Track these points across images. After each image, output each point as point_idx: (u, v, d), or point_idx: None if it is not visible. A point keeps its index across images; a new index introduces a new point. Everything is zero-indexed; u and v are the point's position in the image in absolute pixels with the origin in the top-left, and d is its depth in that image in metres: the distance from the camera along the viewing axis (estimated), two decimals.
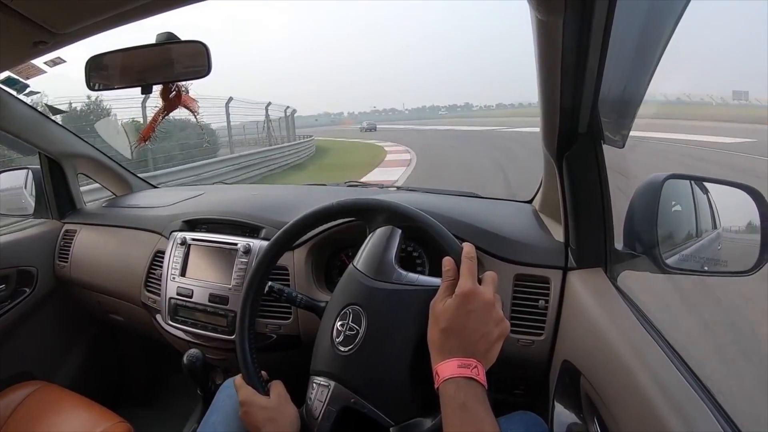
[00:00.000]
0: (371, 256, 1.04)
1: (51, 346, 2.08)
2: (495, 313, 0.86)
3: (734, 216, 1.06)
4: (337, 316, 1.01)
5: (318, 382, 1.00)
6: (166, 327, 1.60)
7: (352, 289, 1.03)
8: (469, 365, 0.82)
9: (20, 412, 1.51)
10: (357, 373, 0.97)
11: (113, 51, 1.17)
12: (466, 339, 0.84)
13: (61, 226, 2.08)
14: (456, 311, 0.85)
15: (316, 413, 0.99)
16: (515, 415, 1.08)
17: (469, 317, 0.85)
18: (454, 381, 0.81)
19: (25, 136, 1.85)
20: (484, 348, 0.85)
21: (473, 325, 0.85)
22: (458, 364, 0.82)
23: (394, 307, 0.98)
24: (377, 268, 1.02)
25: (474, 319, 0.85)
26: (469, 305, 0.85)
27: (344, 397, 0.97)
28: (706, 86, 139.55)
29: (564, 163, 1.08)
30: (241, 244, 1.50)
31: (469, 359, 0.82)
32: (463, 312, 0.85)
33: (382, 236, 1.06)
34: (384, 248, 1.04)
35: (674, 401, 0.72)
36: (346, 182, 2.12)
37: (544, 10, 0.76)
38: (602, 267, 1.14)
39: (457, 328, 0.85)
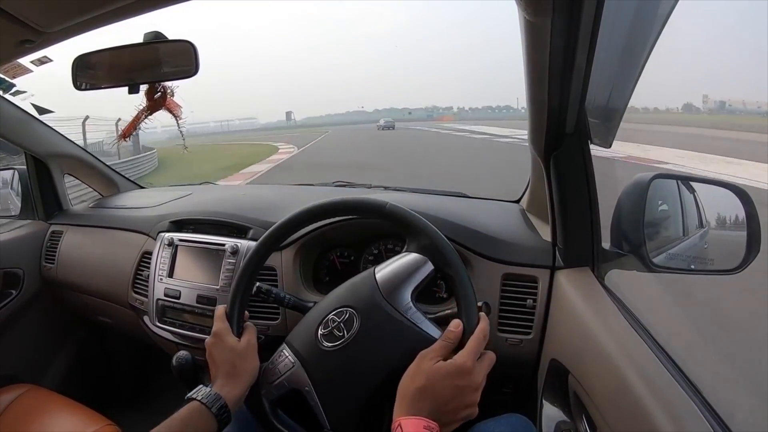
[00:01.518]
0: (394, 277, 1.02)
1: (38, 349, 2.06)
2: (474, 396, 0.85)
3: (720, 215, 1.07)
4: (334, 309, 1.01)
5: (286, 354, 1.02)
6: (154, 328, 1.59)
7: (361, 294, 1.02)
8: (433, 429, 0.80)
9: (7, 416, 1.49)
10: (325, 370, 0.97)
11: (100, 50, 1.16)
12: (438, 405, 0.83)
13: (48, 227, 2.06)
14: (443, 379, 0.84)
15: (271, 378, 1.01)
16: (502, 418, 1.08)
17: (452, 390, 0.83)
18: None
19: (10, 136, 1.84)
20: (448, 420, 0.84)
21: (451, 397, 0.83)
22: (424, 425, 0.80)
23: (387, 335, 0.97)
24: (393, 291, 1.00)
25: (455, 393, 0.83)
26: (458, 380, 0.84)
27: (301, 381, 0.98)
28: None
29: (551, 163, 1.09)
30: (228, 245, 1.49)
31: (433, 423, 0.81)
32: (449, 383, 0.84)
33: (413, 263, 1.02)
34: (409, 275, 1.01)
35: (662, 398, 0.72)
36: (334, 182, 2.12)
37: (532, 10, 0.77)
38: (590, 266, 1.15)
39: (434, 393, 0.83)
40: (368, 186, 1.99)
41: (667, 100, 73.61)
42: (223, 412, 0.92)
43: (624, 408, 0.78)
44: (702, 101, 59.73)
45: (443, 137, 31.60)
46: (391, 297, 0.99)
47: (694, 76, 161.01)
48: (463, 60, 51.09)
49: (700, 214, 1.12)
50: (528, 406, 1.13)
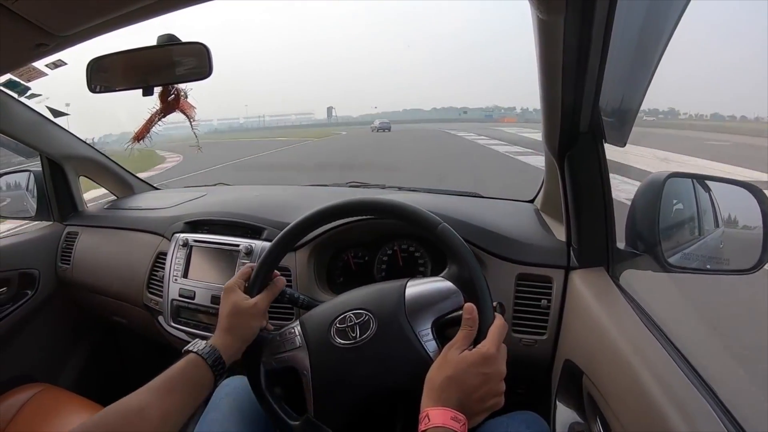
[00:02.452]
0: (422, 298, 1.00)
1: (53, 349, 2.08)
2: (500, 386, 0.86)
3: (736, 214, 1.06)
4: (355, 308, 1.01)
5: (296, 333, 1.03)
6: (169, 328, 1.60)
7: (385, 303, 1.01)
8: (460, 420, 0.81)
9: (23, 415, 1.51)
10: (328, 363, 0.98)
11: (114, 53, 1.17)
12: (465, 395, 0.84)
13: (63, 228, 2.08)
14: (470, 367, 0.85)
15: (275, 349, 1.03)
16: (516, 414, 1.08)
17: (478, 378, 0.84)
18: (443, 430, 0.80)
19: (26, 138, 1.85)
20: (475, 410, 0.85)
21: (478, 386, 0.84)
22: (451, 416, 0.81)
23: (397, 351, 0.96)
24: (417, 312, 0.99)
25: (481, 381, 0.84)
26: (484, 368, 0.85)
27: (302, 365, 0.99)
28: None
29: (566, 162, 1.08)
30: (243, 246, 1.50)
31: (461, 414, 0.82)
32: (475, 371, 0.85)
33: (445, 292, 1.00)
34: (437, 303, 0.99)
35: (677, 400, 0.72)
36: (348, 182, 2.12)
37: (545, 9, 0.76)
38: (604, 266, 1.14)
39: (462, 382, 0.84)
40: (382, 186, 1.99)
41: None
42: (218, 364, 0.94)
43: (638, 409, 0.77)
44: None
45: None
46: (413, 317, 0.98)
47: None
48: (529, 57, 51.80)
49: (715, 213, 1.11)
50: (541, 407, 1.13)
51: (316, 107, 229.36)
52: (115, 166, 2.23)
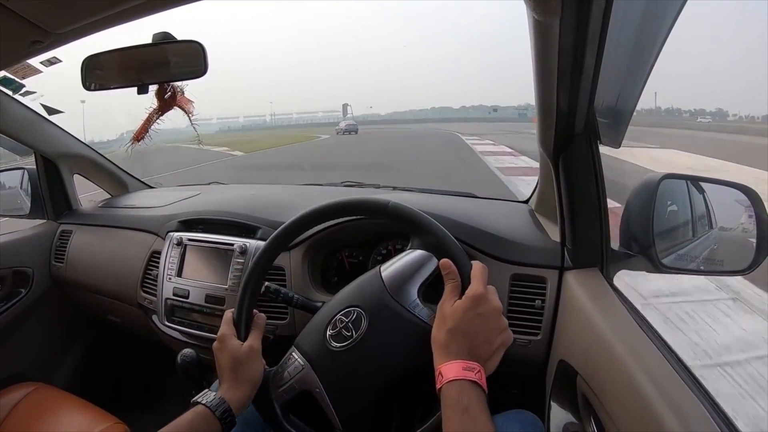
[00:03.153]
0: (399, 274, 1.03)
1: (47, 348, 2.07)
2: (501, 320, 0.88)
3: (730, 216, 1.06)
4: (342, 309, 1.01)
5: (296, 357, 1.02)
6: (163, 328, 1.60)
7: (368, 293, 1.03)
8: (473, 368, 0.81)
9: (16, 414, 1.50)
10: (335, 371, 0.98)
11: (109, 51, 1.16)
12: (471, 342, 0.85)
13: (57, 226, 2.07)
14: (465, 313, 0.86)
15: (280, 383, 1.02)
16: (511, 413, 1.08)
17: (477, 320, 0.85)
18: (459, 383, 0.81)
19: (20, 136, 1.85)
20: (486, 353, 0.85)
21: (479, 328, 0.86)
22: (463, 366, 0.81)
23: (395, 333, 0.98)
24: (399, 288, 1.01)
25: (481, 322, 0.86)
26: (478, 308, 0.86)
27: (312, 383, 0.99)
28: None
29: (560, 163, 1.08)
30: (237, 245, 1.50)
31: (473, 362, 0.82)
32: (471, 314, 0.86)
33: (418, 259, 1.04)
34: (415, 272, 1.03)
35: (671, 400, 0.72)
36: (343, 182, 2.12)
37: (541, 10, 0.76)
38: (599, 267, 1.14)
39: (463, 330, 0.85)
40: (377, 186, 1.99)
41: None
42: (227, 415, 0.94)
43: (632, 410, 0.77)
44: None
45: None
46: (397, 294, 1.00)
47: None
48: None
49: (709, 214, 1.12)
50: (536, 408, 1.13)
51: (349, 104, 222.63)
52: (109, 164, 2.23)
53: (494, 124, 56.70)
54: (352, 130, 38.40)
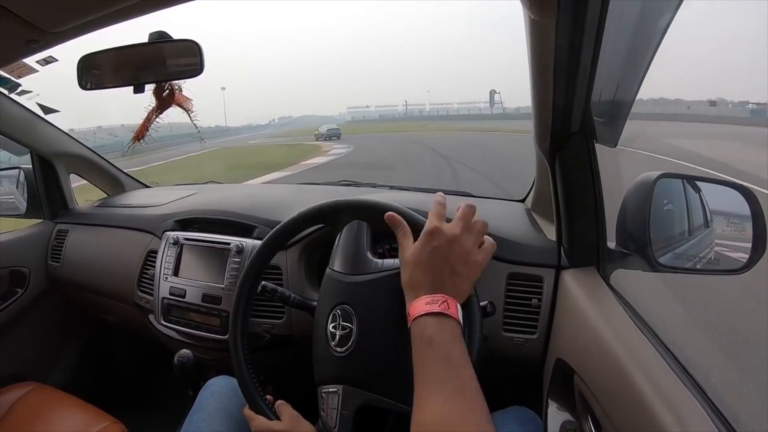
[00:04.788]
0: (345, 254, 1.05)
1: (44, 347, 2.07)
2: (463, 246, 0.86)
3: (726, 215, 1.06)
4: (327, 320, 1.01)
5: (326, 391, 1.00)
6: (159, 327, 1.60)
7: (335, 290, 1.04)
8: (437, 300, 0.80)
9: (13, 414, 1.50)
10: (361, 369, 0.97)
11: (105, 50, 1.16)
12: (432, 275, 0.83)
13: (54, 226, 2.07)
14: (421, 249, 0.85)
15: (332, 422, 0.98)
16: (510, 410, 1.09)
17: (434, 254, 0.85)
18: (422, 319, 0.79)
19: (16, 135, 1.85)
20: (452, 283, 0.83)
21: (438, 261, 0.84)
22: (426, 300, 0.80)
23: (379, 296, 0.99)
24: (354, 264, 1.03)
25: (438, 254, 0.84)
26: (433, 242, 0.85)
27: (356, 397, 0.97)
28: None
29: (557, 162, 1.08)
30: (233, 244, 1.50)
31: (437, 294, 0.81)
32: (428, 248, 0.85)
33: (349, 232, 1.08)
34: (355, 243, 1.05)
35: (667, 399, 0.72)
36: (339, 181, 2.13)
37: (537, 10, 0.76)
38: (595, 266, 1.15)
39: (422, 265, 0.84)
40: (373, 185, 1.99)
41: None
42: None
43: (629, 408, 0.77)
44: None
45: None
46: (357, 269, 1.03)
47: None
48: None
49: (705, 213, 1.12)
50: (533, 406, 1.13)
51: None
52: (106, 163, 2.23)
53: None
54: (334, 135, 35.64)
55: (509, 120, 47.66)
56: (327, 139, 33.74)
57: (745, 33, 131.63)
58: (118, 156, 3.27)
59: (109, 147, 13.42)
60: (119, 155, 3.65)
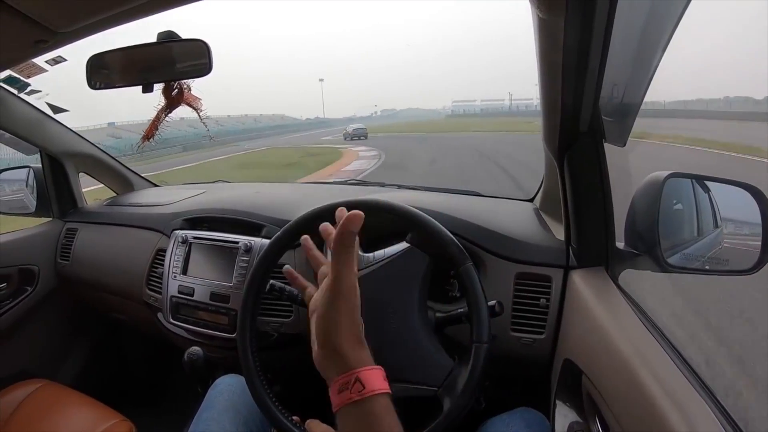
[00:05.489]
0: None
1: (53, 345, 2.09)
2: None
3: (736, 215, 1.05)
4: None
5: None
6: (168, 325, 1.60)
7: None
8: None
9: (22, 411, 1.51)
10: (377, 363, 0.98)
11: (114, 50, 1.17)
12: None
13: (63, 224, 2.08)
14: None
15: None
16: (517, 412, 1.09)
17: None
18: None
19: (26, 135, 1.86)
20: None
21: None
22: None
23: (379, 287, 1.02)
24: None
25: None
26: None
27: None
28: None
29: (565, 161, 1.08)
30: (242, 243, 1.50)
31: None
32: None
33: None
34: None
35: (676, 400, 0.72)
36: (348, 180, 2.13)
37: (546, 8, 0.76)
38: (604, 266, 1.14)
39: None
40: (382, 184, 2.00)
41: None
42: None
43: (637, 409, 0.77)
44: None
45: None
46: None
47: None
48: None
49: (714, 213, 1.11)
50: (541, 406, 1.13)
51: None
52: (114, 162, 2.24)
53: None
54: (360, 136, 35.09)
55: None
56: (352, 139, 34.12)
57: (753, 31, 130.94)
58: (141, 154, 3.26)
59: (113, 149, 13.39)
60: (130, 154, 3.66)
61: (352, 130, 36.90)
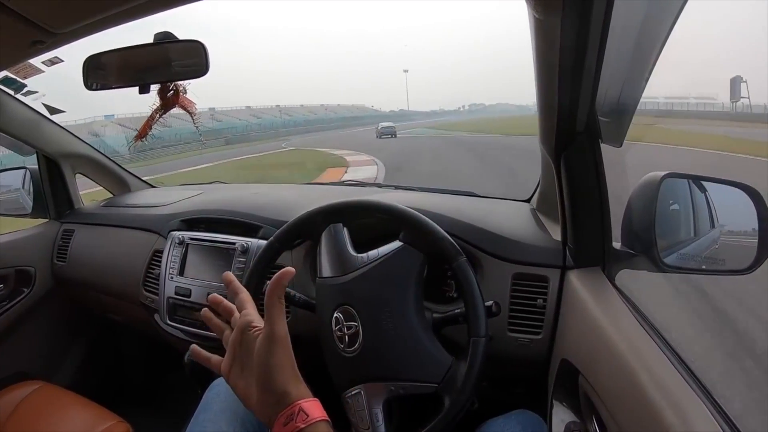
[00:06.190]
0: (330, 259, 1.09)
1: (49, 346, 2.08)
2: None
3: (732, 215, 1.06)
4: (331, 325, 1.03)
5: (350, 395, 1.03)
6: (165, 326, 1.60)
7: (331, 294, 1.06)
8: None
9: (19, 413, 1.51)
10: (376, 363, 0.99)
11: (111, 50, 1.17)
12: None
13: (59, 225, 2.08)
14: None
15: (364, 424, 1.00)
16: (513, 414, 1.08)
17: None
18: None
19: (22, 136, 1.85)
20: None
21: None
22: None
23: (374, 287, 1.02)
24: (341, 265, 1.07)
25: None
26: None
27: (380, 391, 1.00)
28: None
29: (562, 162, 1.08)
30: (239, 244, 1.50)
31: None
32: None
33: (328, 237, 1.11)
34: (335, 245, 1.09)
35: (673, 400, 0.72)
36: (344, 181, 2.14)
37: (542, 9, 0.76)
38: (600, 266, 1.14)
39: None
40: (379, 185, 2.00)
41: None
42: None
43: (634, 409, 0.77)
44: None
45: None
46: (345, 269, 1.07)
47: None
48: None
49: (711, 214, 1.11)
50: (538, 407, 1.13)
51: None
52: (111, 163, 2.24)
53: None
54: (389, 134, 35.28)
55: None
56: (381, 137, 34.57)
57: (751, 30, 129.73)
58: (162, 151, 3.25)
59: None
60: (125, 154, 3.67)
61: (381, 128, 38.03)
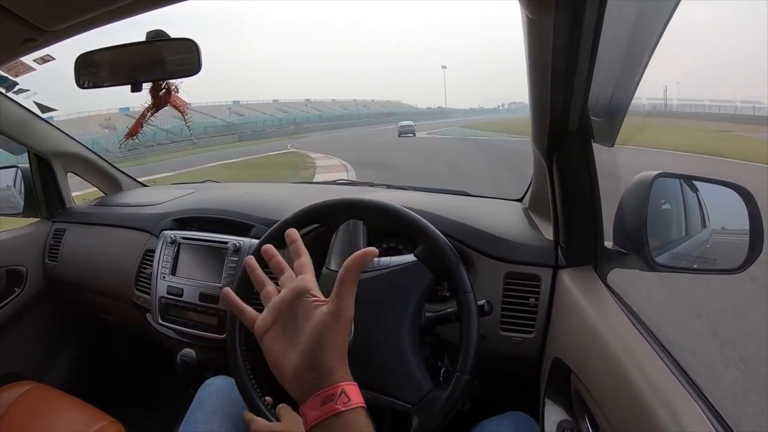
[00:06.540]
0: (341, 253, 1.08)
1: (41, 346, 2.07)
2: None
3: (723, 215, 1.06)
4: None
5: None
6: (157, 326, 1.59)
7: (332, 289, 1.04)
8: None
9: (11, 414, 1.50)
10: (360, 368, 0.97)
11: (103, 48, 1.16)
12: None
13: (51, 224, 2.07)
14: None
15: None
16: (505, 416, 1.09)
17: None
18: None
19: (13, 134, 1.84)
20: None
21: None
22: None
23: (376, 294, 1.01)
24: (332, 262, 1.07)
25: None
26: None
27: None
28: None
29: (554, 161, 1.09)
30: (231, 243, 1.50)
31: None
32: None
33: (345, 231, 1.10)
34: (351, 241, 1.08)
35: (664, 397, 0.72)
36: (336, 181, 2.14)
37: (535, 9, 0.76)
38: (592, 265, 1.15)
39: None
40: (371, 184, 1.99)
41: None
42: None
43: (626, 407, 0.78)
44: None
45: None
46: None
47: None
48: None
49: (702, 213, 1.12)
50: (530, 405, 1.13)
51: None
52: (103, 162, 2.23)
53: None
54: (408, 132, 35.47)
55: None
56: (401, 135, 34.89)
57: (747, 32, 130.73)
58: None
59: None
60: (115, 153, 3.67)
61: (401, 126, 39.01)
